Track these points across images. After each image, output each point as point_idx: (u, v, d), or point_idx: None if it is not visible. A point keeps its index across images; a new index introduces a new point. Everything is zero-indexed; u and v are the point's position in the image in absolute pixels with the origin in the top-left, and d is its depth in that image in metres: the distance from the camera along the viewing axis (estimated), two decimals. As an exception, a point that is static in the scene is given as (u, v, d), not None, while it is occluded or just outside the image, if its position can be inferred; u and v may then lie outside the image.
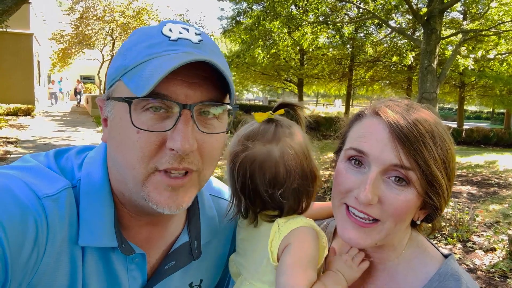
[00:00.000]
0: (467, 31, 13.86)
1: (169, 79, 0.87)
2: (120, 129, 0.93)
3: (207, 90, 0.93)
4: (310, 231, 1.10)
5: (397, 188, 1.00)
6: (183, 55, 0.88)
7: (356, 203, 1.03)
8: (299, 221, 1.11)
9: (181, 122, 0.89)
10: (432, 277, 1.09)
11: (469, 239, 6.35)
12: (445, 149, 1.02)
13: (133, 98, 0.88)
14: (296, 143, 1.12)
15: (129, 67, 0.91)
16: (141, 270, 1.07)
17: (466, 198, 9.32)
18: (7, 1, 11.75)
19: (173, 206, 0.95)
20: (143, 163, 0.91)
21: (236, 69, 23.73)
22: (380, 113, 1.05)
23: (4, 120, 18.30)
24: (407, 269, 1.13)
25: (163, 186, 0.93)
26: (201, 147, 0.94)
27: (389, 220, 1.02)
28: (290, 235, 1.07)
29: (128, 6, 29.50)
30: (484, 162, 14.83)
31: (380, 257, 1.16)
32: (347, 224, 1.06)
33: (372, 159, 1.02)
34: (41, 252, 0.89)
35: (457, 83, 26.34)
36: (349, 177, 1.06)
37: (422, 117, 1.02)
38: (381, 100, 1.12)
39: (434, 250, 1.18)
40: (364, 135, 1.06)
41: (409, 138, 0.97)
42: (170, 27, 0.95)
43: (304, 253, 1.06)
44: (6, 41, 22.31)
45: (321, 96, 61.07)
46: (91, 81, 43.63)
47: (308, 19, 15.44)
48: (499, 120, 52.05)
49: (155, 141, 0.90)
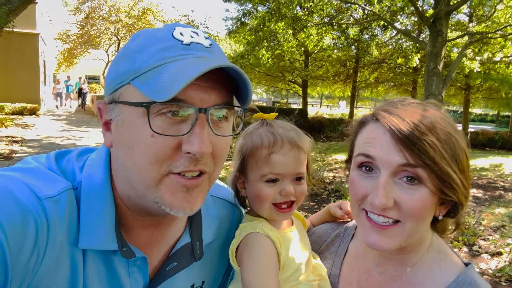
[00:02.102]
0: (473, 34, 13.81)
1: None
2: (131, 134, 0.92)
3: (220, 93, 0.94)
4: (261, 237, 1.18)
5: (410, 188, 1.01)
6: (199, 60, 0.90)
7: (373, 208, 1.04)
8: (255, 227, 1.20)
9: (198, 125, 0.90)
10: (450, 284, 1.08)
11: (474, 243, 6.30)
12: (452, 142, 1.01)
13: (151, 103, 0.87)
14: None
15: (141, 71, 0.90)
16: (143, 272, 1.06)
17: (472, 202, 9.24)
18: (14, 1, 11.83)
19: (187, 207, 0.96)
20: (156, 166, 0.91)
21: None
22: (379, 119, 1.06)
23: (9, 119, 18.43)
24: (426, 273, 1.13)
25: (179, 187, 0.94)
26: (214, 149, 0.95)
27: (410, 220, 1.02)
28: (243, 242, 1.19)
29: (134, 7, 29.67)
30: (490, 165, 14.71)
31: (402, 259, 1.15)
32: (369, 229, 1.07)
33: (379, 162, 1.03)
34: (41, 254, 0.88)
35: (462, 85, 26.22)
36: (362, 183, 1.07)
37: (422, 115, 1.02)
38: (381, 104, 1.13)
39: (455, 257, 1.17)
40: (369, 141, 1.07)
41: (410, 139, 0.97)
42: (180, 30, 0.95)
43: (257, 265, 1.14)
44: (12, 41, 22.43)
45: (325, 98, 61.05)
46: (96, 81, 43.89)
47: (313, 20, 15.46)
48: (504, 123, 51.85)
49: (171, 145, 0.90)
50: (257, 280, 1.11)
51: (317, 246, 1.43)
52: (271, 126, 1.26)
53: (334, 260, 1.35)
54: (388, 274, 1.18)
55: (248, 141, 1.25)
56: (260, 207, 1.24)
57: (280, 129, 1.25)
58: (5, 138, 13.57)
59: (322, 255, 1.39)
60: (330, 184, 9.70)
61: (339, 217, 1.48)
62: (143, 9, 29.88)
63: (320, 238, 1.44)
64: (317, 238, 1.45)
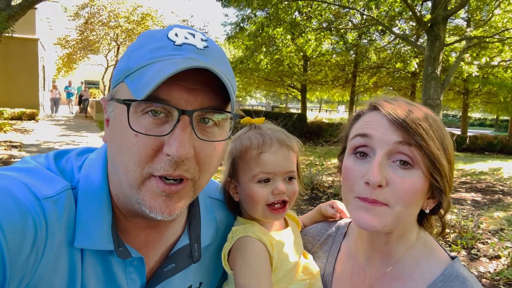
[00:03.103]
0: (471, 38, 13.84)
1: (170, 84, 0.86)
2: (120, 131, 0.92)
3: (208, 97, 0.92)
4: (253, 241, 1.18)
5: (403, 171, 1.04)
6: (185, 61, 0.87)
7: (366, 191, 1.06)
8: (247, 230, 1.21)
9: (179, 127, 0.88)
10: (437, 277, 1.10)
11: (473, 246, 6.29)
12: (442, 133, 1.09)
13: (132, 100, 0.88)
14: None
15: (132, 69, 0.90)
16: (140, 273, 1.06)
17: (471, 205, 9.24)
18: (14, 7, 11.88)
19: (165, 212, 0.94)
20: (139, 167, 0.90)
21: (240, 75, 23.78)
22: (378, 106, 1.12)
23: (8, 124, 18.41)
24: (414, 267, 1.15)
25: (158, 192, 0.92)
26: (198, 154, 0.93)
27: (399, 204, 1.04)
28: (235, 245, 1.19)
29: (133, 12, 29.74)
30: (489, 169, 14.73)
31: (389, 250, 1.17)
32: (359, 210, 1.08)
33: (376, 141, 1.07)
34: (40, 253, 0.88)
35: (461, 89, 26.31)
36: (357, 168, 1.10)
37: (416, 107, 1.11)
38: (376, 97, 1.21)
39: (441, 250, 1.19)
40: (366, 124, 1.12)
41: (407, 122, 1.04)
42: (176, 31, 0.95)
43: (250, 268, 1.15)
44: (12, 46, 22.47)
45: (324, 102, 61.10)
46: (95, 86, 43.91)
47: (311, 25, 15.50)
48: (503, 127, 51.88)
49: (152, 146, 0.89)
50: (250, 283, 1.12)
51: (311, 245, 1.44)
52: (259, 129, 1.29)
53: (328, 259, 1.36)
54: (378, 267, 1.20)
55: (237, 144, 1.27)
56: (253, 209, 1.25)
57: (269, 130, 1.28)
58: (3, 143, 13.54)
59: (315, 255, 1.41)
60: (329, 188, 9.69)
61: (330, 216, 1.49)
62: (143, 14, 29.95)
63: (314, 238, 1.46)
64: (311, 238, 1.47)
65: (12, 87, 24.60)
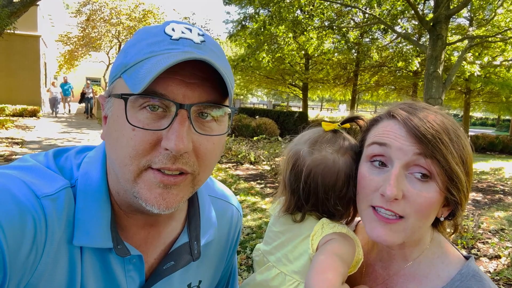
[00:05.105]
0: (473, 37, 13.79)
1: (168, 78, 0.86)
2: (117, 126, 0.92)
3: (206, 91, 0.91)
4: (349, 239, 1.18)
5: (420, 183, 1.03)
6: (182, 54, 0.87)
7: (382, 201, 1.05)
8: (342, 229, 1.19)
9: (177, 121, 0.87)
10: (454, 276, 1.10)
11: (473, 246, 6.29)
12: (461, 145, 1.05)
13: (129, 95, 0.87)
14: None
15: (129, 65, 0.90)
16: (139, 271, 1.06)
17: (471, 205, 9.24)
18: (16, 3, 11.88)
19: (162, 205, 0.92)
20: (135, 160, 0.89)
21: (241, 73, 23.79)
22: (395, 115, 1.10)
23: (10, 121, 18.46)
24: (429, 267, 1.15)
25: (155, 183, 0.91)
26: (197, 149, 0.93)
27: (413, 217, 1.04)
28: (331, 235, 1.16)
29: (135, 9, 29.71)
30: (490, 169, 14.71)
31: (404, 254, 1.18)
32: (375, 223, 1.08)
33: (394, 151, 1.05)
34: (40, 252, 0.88)
35: (462, 89, 26.24)
36: (373, 178, 1.09)
37: (436, 117, 1.07)
38: (394, 104, 1.18)
39: (455, 250, 1.20)
40: (384, 133, 1.10)
41: (426, 136, 1.01)
42: (173, 26, 0.94)
43: (339, 251, 1.13)
44: (14, 43, 22.50)
45: (325, 101, 60.97)
46: (97, 83, 43.92)
47: (313, 24, 15.45)
48: (505, 127, 51.79)
49: (150, 140, 0.88)
50: (329, 264, 1.10)
51: None
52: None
53: None
54: (392, 269, 1.21)
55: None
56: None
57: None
58: (5, 140, 13.58)
59: None
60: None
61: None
62: (144, 11, 29.92)
63: None
64: None
65: (14, 83, 24.63)
